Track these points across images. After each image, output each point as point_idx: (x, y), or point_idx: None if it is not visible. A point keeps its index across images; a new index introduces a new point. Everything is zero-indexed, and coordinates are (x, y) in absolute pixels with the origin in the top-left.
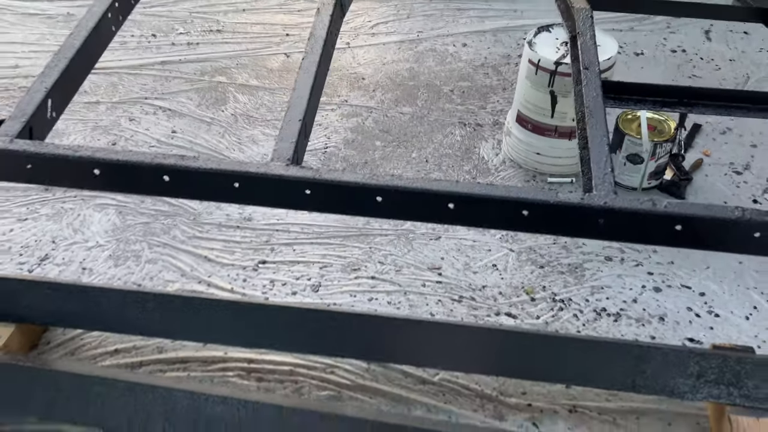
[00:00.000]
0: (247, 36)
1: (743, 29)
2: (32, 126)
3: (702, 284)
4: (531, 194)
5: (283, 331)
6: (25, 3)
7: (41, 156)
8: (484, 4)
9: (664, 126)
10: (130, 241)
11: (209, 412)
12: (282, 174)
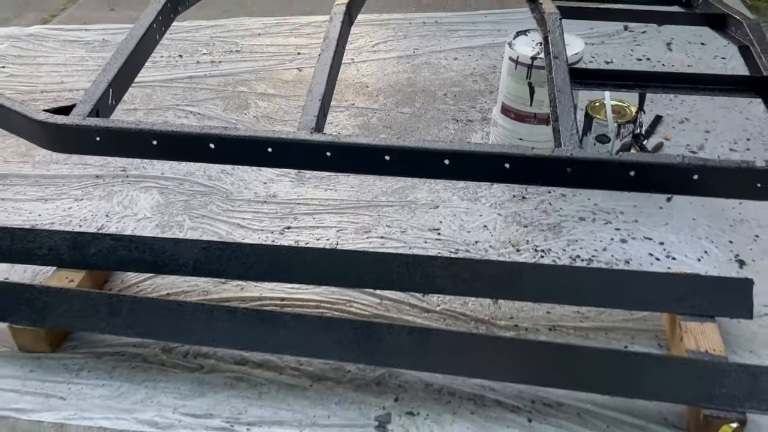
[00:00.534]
0: (263, 55)
1: (700, 41)
2: (98, 109)
3: (661, 236)
4: (511, 150)
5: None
6: (65, 32)
7: (108, 130)
8: (472, 25)
9: (626, 110)
10: (173, 214)
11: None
12: (307, 139)
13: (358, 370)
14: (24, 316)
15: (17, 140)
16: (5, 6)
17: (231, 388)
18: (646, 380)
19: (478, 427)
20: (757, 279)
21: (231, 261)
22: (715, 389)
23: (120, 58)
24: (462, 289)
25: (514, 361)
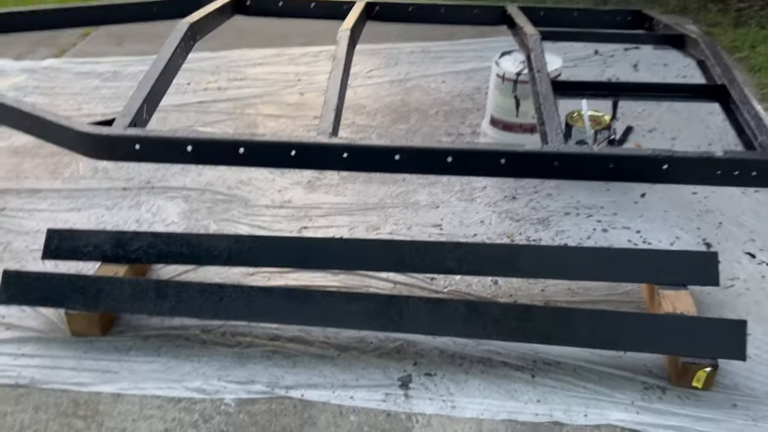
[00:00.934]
0: (266, 81)
1: (663, 62)
2: (135, 122)
3: (638, 225)
4: (506, 147)
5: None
6: (78, 65)
7: (147, 138)
8: (457, 53)
9: (601, 119)
10: (198, 219)
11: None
12: (326, 142)
13: (379, 341)
14: (79, 303)
15: (45, 159)
16: (19, 42)
17: (267, 359)
18: (631, 335)
19: (489, 383)
20: (722, 258)
21: (261, 251)
22: (690, 341)
23: (151, 78)
24: (467, 269)
25: (518, 322)
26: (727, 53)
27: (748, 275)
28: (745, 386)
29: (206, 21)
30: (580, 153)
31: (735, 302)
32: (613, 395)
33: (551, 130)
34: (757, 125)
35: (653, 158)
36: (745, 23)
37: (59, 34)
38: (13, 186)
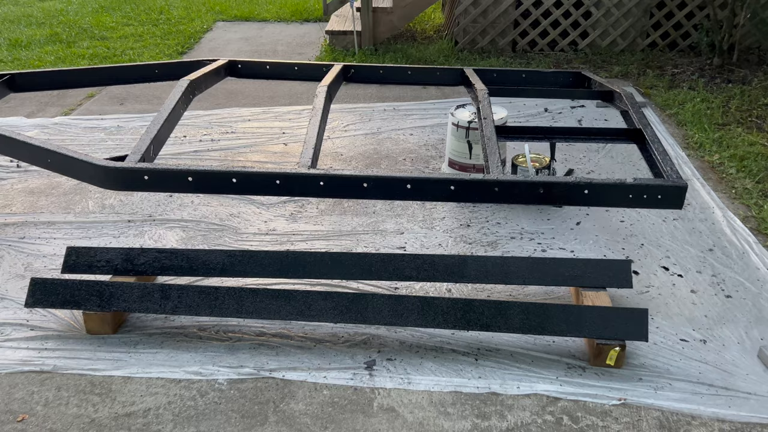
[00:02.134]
0: (254, 135)
1: (604, 118)
2: (144, 158)
3: (572, 246)
4: (455, 176)
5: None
6: (85, 121)
7: (154, 170)
8: (423, 111)
9: (542, 160)
10: (195, 244)
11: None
12: (306, 172)
13: (349, 335)
14: (95, 304)
15: (58, 198)
16: (29, 102)
17: (254, 350)
18: (555, 322)
19: (439, 365)
20: (641, 271)
21: (250, 264)
22: (603, 326)
23: (157, 123)
24: (424, 276)
25: (462, 313)
26: (660, 110)
27: (661, 283)
28: (650, 365)
29: (203, 79)
30: (515, 180)
31: (648, 303)
32: (542, 373)
33: (493, 163)
34: (663, 160)
35: (575, 184)
36: (678, 86)
37: (66, 95)
38: (31, 219)
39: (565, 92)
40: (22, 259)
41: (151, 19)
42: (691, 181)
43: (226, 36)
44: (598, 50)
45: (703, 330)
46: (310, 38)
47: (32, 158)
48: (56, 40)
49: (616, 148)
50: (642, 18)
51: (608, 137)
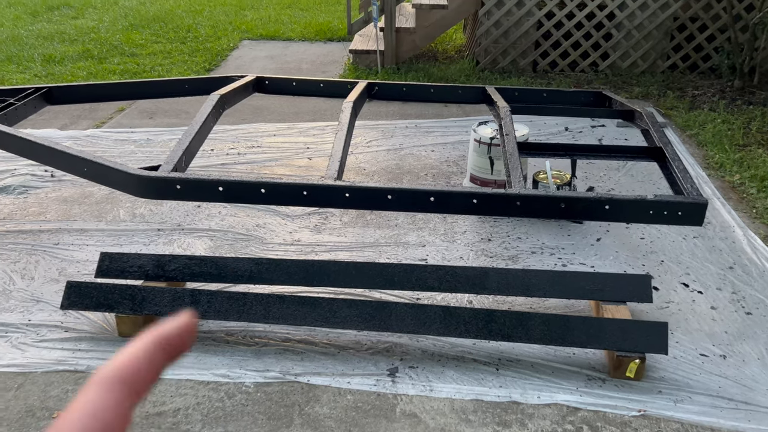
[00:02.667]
0: (279, 149)
1: (624, 137)
2: (176, 168)
3: (592, 262)
4: (477, 189)
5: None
6: (116, 134)
7: (186, 180)
8: (444, 128)
9: (563, 176)
10: (222, 253)
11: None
12: (332, 184)
13: (372, 343)
14: (127, 308)
15: (90, 206)
16: (63, 115)
17: (280, 355)
18: (576, 334)
19: (461, 374)
20: (660, 287)
21: (276, 271)
22: (623, 338)
23: (189, 135)
24: (446, 287)
25: (484, 323)
26: (680, 130)
27: (680, 299)
28: (670, 378)
29: (233, 95)
30: (537, 195)
31: (668, 318)
32: (562, 384)
33: (515, 178)
34: (684, 177)
35: (596, 199)
36: (698, 107)
37: (98, 108)
38: (64, 227)
39: (586, 111)
40: (56, 264)
41: (179, 37)
42: (711, 200)
43: (251, 54)
44: (618, 71)
45: (723, 345)
46: (333, 57)
47: (69, 167)
48: (88, 56)
49: (636, 166)
50: (662, 40)
51: (629, 155)
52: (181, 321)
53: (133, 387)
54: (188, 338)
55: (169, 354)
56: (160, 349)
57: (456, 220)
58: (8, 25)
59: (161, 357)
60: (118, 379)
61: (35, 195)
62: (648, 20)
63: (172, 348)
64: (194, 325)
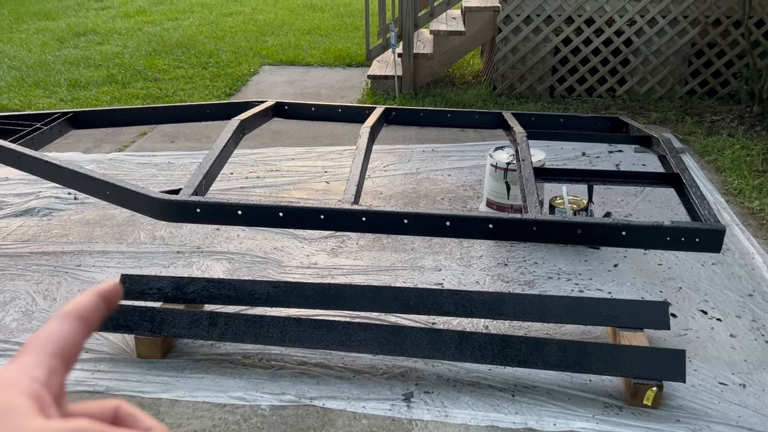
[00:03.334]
0: (298, 173)
1: (642, 163)
2: (197, 192)
3: (609, 288)
4: (493, 214)
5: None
6: (138, 157)
7: (206, 203)
8: (461, 153)
9: (580, 202)
10: (240, 276)
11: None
12: (349, 208)
13: (387, 367)
14: (146, 329)
15: (112, 229)
16: (86, 139)
17: (296, 378)
18: (592, 360)
19: (476, 400)
20: (678, 314)
21: (293, 294)
22: (640, 365)
23: (209, 160)
24: (462, 312)
25: (499, 348)
26: (699, 156)
27: (699, 327)
28: (688, 407)
29: (253, 119)
30: (553, 220)
31: (686, 346)
32: (578, 411)
33: (531, 203)
34: (701, 203)
35: (613, 225)
36: (717, 132)
37: (120, 132)
38: (86, 248)
39: (603, 137)
40: (77, 285)
41: (201, 63)
42: (730, 226)
43: (271, 79)
44: (636, 97)
45: (743, 374)
46: (352, 82)
47: (92, 190)
48: (112, 81)
49: (654, 192)
50: (680, 66)
51: (645, 181)
52: (112, 284)
53: (86, 322)
54: (118, 295)
55: (107, 303)
56: (101, 299)
57: (472, 244)
58: (36, 51)
59: (103, 304)
60: (75, 315)
61: (59, 217)
62: (665, 46)
63: (109, 299)
64: (120, 288)
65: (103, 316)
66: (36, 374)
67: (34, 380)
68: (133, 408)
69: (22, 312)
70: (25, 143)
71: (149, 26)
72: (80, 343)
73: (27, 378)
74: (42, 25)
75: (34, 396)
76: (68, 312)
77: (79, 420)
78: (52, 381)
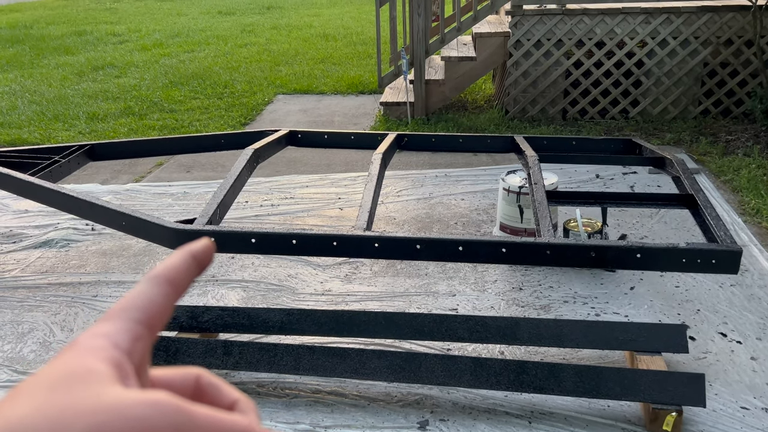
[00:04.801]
0: (312, 200)
1: (657, 184)
2: (211, 221)
3: (626, 312)
4: (507, 239)
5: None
6: (154, 187)
7: (221, 232)
8: (474, 177)
9: (594, 225)
10: (255, 304)
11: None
12: (361, 234)
13: (402, 395)
14: (161, 359)
15: (128, 259)
16: (104, 170)
17: (310, 407)
18: (610, 386)
19: (492, 427)
20: (697, 337)
21: (307, 322)
22: (659, 390)
23: (223, 189)
24: (476, 338)
25: (515, 375)
26: (714, 176)
27: (719, 350)
28: None
29: (266, 148)
30: (566, 243)
31: (706, 370)
32: None
33: (544, 227)
34: (717, 224)
35: (627, 248)
36: (732, 152)
37: (137, 163)
38: (103, 279)
39: (616, 159)
40: (94, 316)
41: (216, 93)
42: (748, 247)
43: (285, 108)
44: (649, 118)
45: (765, 398)
46: (365, 109)
47: (109, 221)
48: (129, 113)
49: (669, 213)
50: (693, 86)
51: (660, 202)
52: (204, 243)
53: (176, 286)
54: (211, 254)
55: (199, 264)
56: (193, 259)
57: (486, 269)
58: (56, 85)
59: (194, 265)
60: (164, 278)
61: (76, 248)
62: (677, 67)
63: (201, 260)
64: (212, 246)
65: (194, 279)
66: (119, 340)
67: (116, 347)
68: (215, 378)
69: (39, 343)
70: (43, 176)
71: (166, 59)
72: (168, 308)
73: (110, 344)
74: (62, 60)
75: (115, 363)
76: (158, 275)
77: (158, 392)
78: (136, 348)
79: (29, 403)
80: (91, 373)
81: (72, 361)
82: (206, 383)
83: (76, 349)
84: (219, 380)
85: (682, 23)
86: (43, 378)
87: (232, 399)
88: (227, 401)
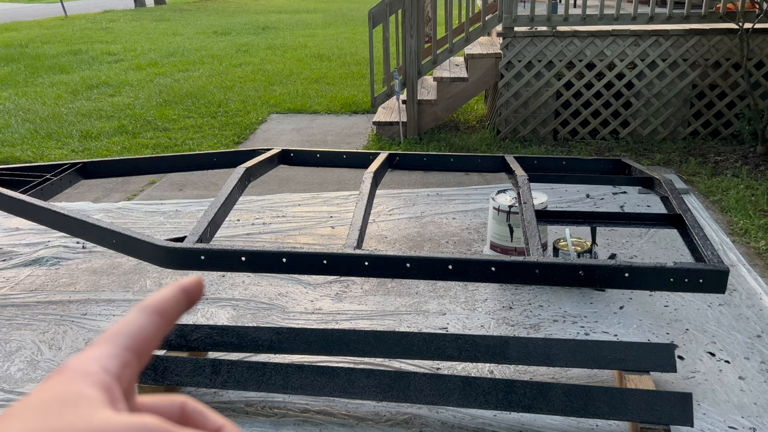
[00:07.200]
0: (303, 218)
1: (646, 204)
2: (201, 239)
3: (616, 331)
4: (496, 257)
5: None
6: (146, 205)
7: (211, 251)
8: (465, 196)
9: (583, 244)
10: (244, 322)
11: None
12: (351, 253)
13: (391, 414)
14: (150, 377)
15: (118, 277)
16: (96, 188)
17: (299, 426)
18: (598, 405)
19: None
20: (686, 356)
21: (297, 341)
22: (646, 410)
23: (214, 207)
24: (466, 357)
25: (504, 394)
26: (703, 197)
27: (707, 369)
28: None
29: (258, 167)
30: (555, 262)
31: (694, 389)
32: None
33: (533, 246)
34: (704, 244)
35: (615, 267)
36: (721, 173)
37: (129, 181)
38: (93, 297)
39: (605, 179)
40: (83, 334)
41: (210, 112)
42: (736, 267)
43: (279, 127)
44: (639, 138)
45: (753, 418)
46: (358, 129)
47: (99, 239)
48: (123, 131)
49: (659, 233)
50: (682, 108)
51: (648, 222)
52: (195, 279)
53: (165, 317)
54: (201, 290)
55: (189, 298)
56: (183, 293)
57: (477, 287)
58: (50, 103)
59: (184, 299)
60: (155, 309)
61: (66, 266)
62: (667, 88)
63: (191, 294)
64: (202, 283)
65: (183, 313)
66: (109, 366)
67: (106, 372)
68: (200, 404)
69: (27, 362)
70: (35, 194)
71: (160, 78)
72: (157, 338)
73: (100, 369)
74: (56, 79)
75: (105, 388)
76: (149, 305)
77: (146, 416)
78: (124, 374)
79: (21, 427)
80: (82, 396)
81: (63, 385)
82: (191, 410)
83: (67, 373)
84: (204, 407)
85: (670, 46)
86: (34, 401)
87: (217, 425)
88: (213, 427)
